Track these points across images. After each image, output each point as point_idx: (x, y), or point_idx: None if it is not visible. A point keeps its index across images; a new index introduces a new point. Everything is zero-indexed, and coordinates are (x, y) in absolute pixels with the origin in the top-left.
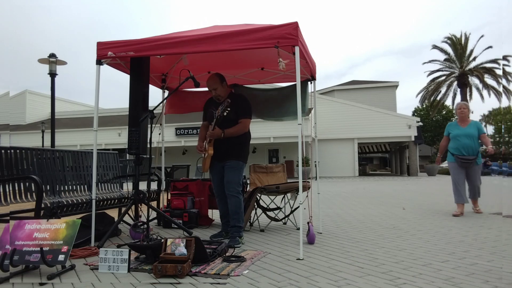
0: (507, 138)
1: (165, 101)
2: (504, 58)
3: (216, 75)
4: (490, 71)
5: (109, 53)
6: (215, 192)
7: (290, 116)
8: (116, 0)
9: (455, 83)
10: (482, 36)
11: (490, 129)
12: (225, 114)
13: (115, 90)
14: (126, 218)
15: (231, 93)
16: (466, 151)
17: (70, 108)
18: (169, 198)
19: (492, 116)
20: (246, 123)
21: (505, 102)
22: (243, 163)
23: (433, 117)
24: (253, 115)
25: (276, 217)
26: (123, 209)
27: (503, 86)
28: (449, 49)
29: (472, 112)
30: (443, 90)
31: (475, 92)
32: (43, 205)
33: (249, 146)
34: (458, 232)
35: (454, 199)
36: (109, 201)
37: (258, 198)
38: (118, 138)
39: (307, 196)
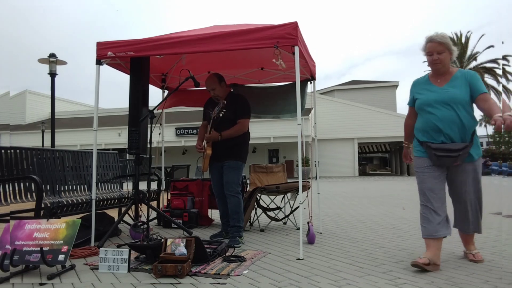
0: (507, 138)
1: (165, 101)
2: (504, 58)
3: (215, 75)
4: (490, 71)
5: (109, 53)
6: (215, 192)
7: (286, 113)
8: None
9: None
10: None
11: (490, 129)
12: (220, 115)
13: (115, 90)
14: (126, 218)
15: (230, 93)
16: (447, 133)
17: (70, 108)
18: (169, 198)
19: None
20: (245, 123)
21: None
22: (242, 163)
23: None
24: (252, 114)
25: (276, 217)
26: (123, 209)
27: (503, 86)
28: None
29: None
30: None
31: None
32: (43, 205)
33: (248, 146)
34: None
35: (421, 230)
36: (109, 201)
37: (258, 198)
38: (118, 138)
39: (307, 196)
